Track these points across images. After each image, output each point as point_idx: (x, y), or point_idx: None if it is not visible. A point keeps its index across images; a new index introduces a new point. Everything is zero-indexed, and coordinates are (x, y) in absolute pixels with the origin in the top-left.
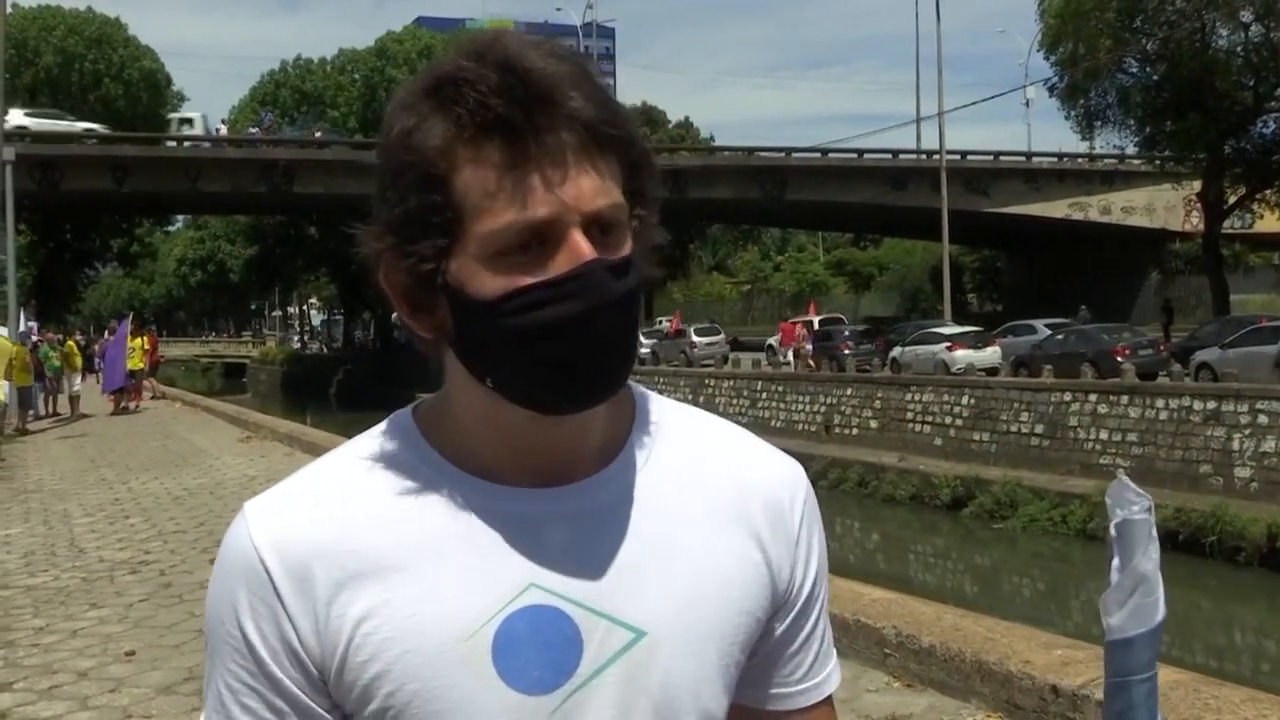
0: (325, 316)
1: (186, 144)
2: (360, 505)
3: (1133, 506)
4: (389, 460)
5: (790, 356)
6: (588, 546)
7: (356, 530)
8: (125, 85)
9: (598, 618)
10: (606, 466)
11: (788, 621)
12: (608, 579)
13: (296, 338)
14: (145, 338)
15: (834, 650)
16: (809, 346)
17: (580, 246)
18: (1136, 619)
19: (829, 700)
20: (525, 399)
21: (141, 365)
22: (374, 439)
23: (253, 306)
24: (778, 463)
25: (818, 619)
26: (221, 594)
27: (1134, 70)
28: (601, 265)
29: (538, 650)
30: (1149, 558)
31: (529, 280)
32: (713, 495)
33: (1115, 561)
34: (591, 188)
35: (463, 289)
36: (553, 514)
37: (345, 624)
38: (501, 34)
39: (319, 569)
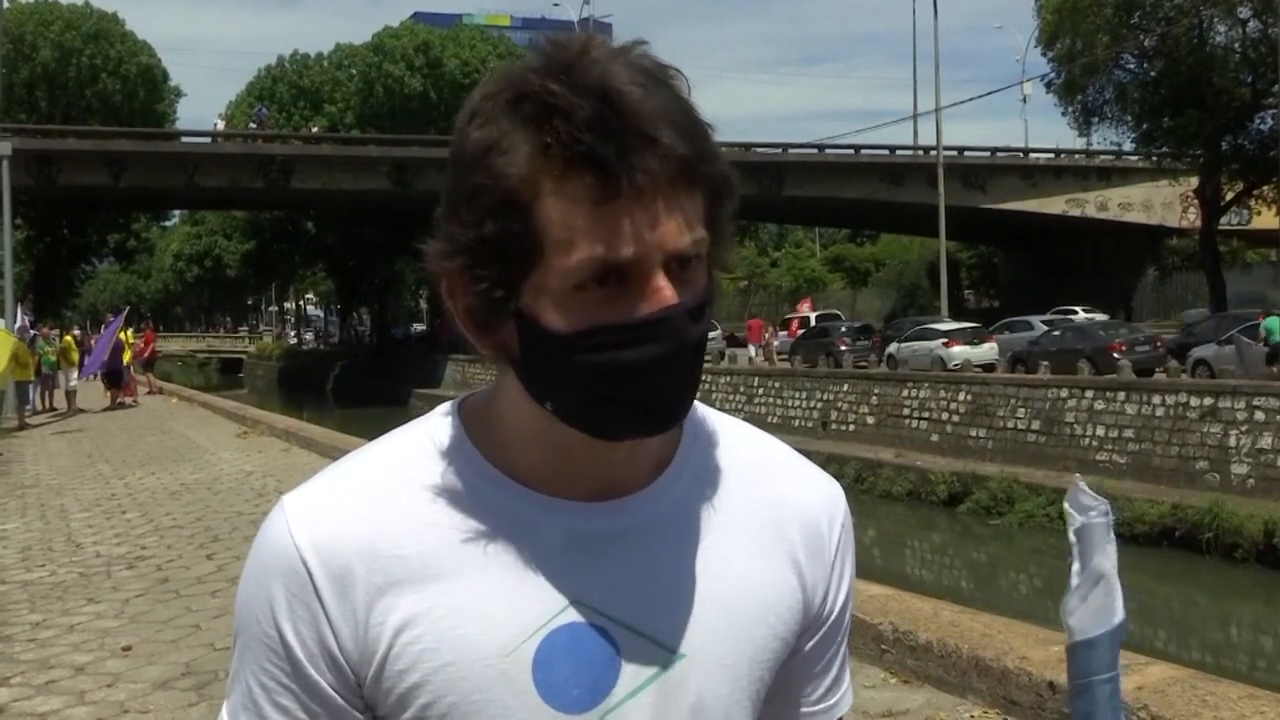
0: (321, 312)
1: (183, 139)
2: (404, 507)
3: (1091, 511)
4: (434, 461)
5: (757, 353)
6: (630, 564)
7: (400, 533)
8: (122, 80)
9: (637, 637)
10: (653, 482)
11: (814, 642)
12: (648, 598)
13: (293, 333)
14: (130, 332)
15: (848, 671)
16: (775, 343)
17: (664, 291)
18: (1098, 619)
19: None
20: (587, 427)
21: (128, 361)
22: (418, 437)
23: (249, 302)
24: (819, 483)
25: (842, 640)
26: (258, 591)
27: (1131, 66)
28: (683, 310)
29: (577, 668)
30: (1108, 558)
31: (610, 320)
32: (753, 515)
33: (1075, 565)
34: (678, 227)
35: (537, 320)
36: (598, 530)
37: (385, 631)
38: (587, 44)
39: (361, 571)
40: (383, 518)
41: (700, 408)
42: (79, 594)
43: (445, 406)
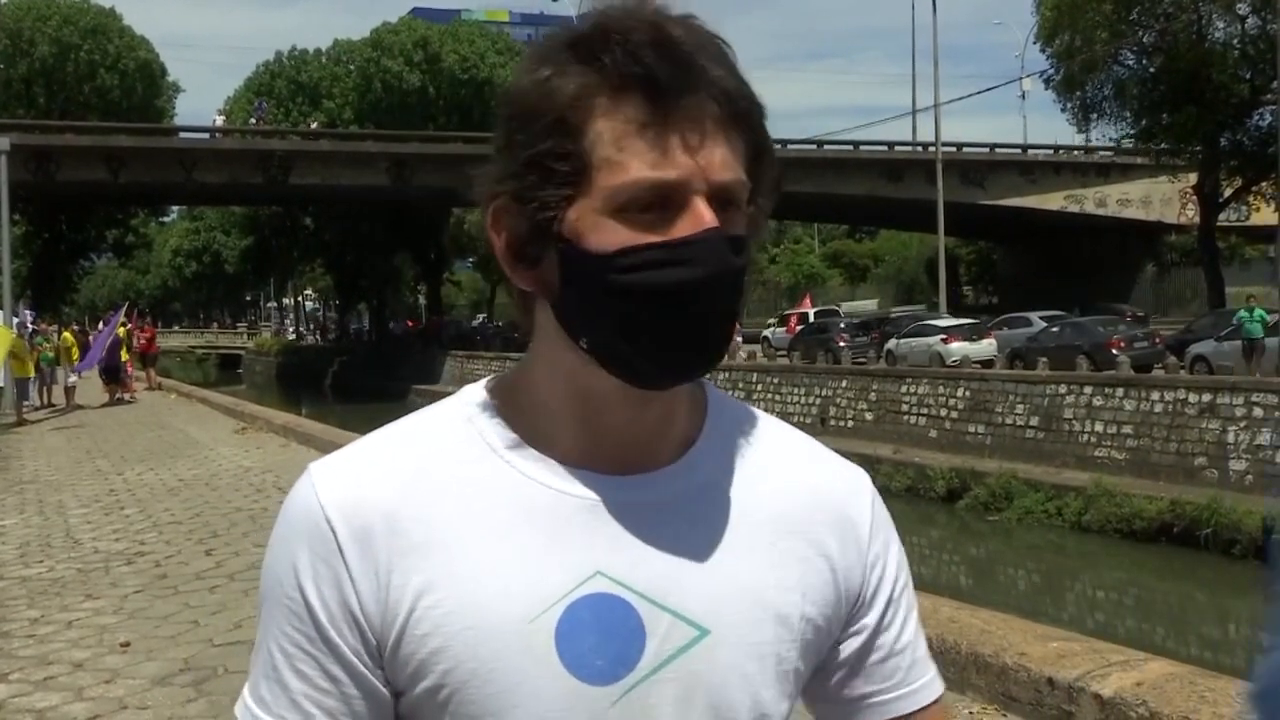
0: (318, 307)
1: (181, 134)
2: (428, 474)
3: None
4: (461, 433)
5: None
6: (656, 538)
7: (423, 498)
8: (121, 76)
9: (662, 612)
10: (679, 459)
11: (869, 630)
12: (674, 573)
13: (291, 329)
14: (126, 328)
15: (931, 660)
16: (739, 339)
17: (703, 213)
18: None
19: (939, 704)
20: (619, 364)
21: (126, 357)
22: (447, 411)
23: (248, 297)
24: (844, 471)
25: (904, 624)
26: (282, 554)
27: (1130, 62)
28: (721, 235)
29: (601, 640)
30: None
31: (649, 239)
32: (780, 499)
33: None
34: (723, 159)
35: (578, 240)
36: (623, 502)
37: (406, 594)
38: (644, 1)
39: (382, 533)
40: (406, 482)
41: (725, 395)
42: (77, 590)
43: (474, 384)
